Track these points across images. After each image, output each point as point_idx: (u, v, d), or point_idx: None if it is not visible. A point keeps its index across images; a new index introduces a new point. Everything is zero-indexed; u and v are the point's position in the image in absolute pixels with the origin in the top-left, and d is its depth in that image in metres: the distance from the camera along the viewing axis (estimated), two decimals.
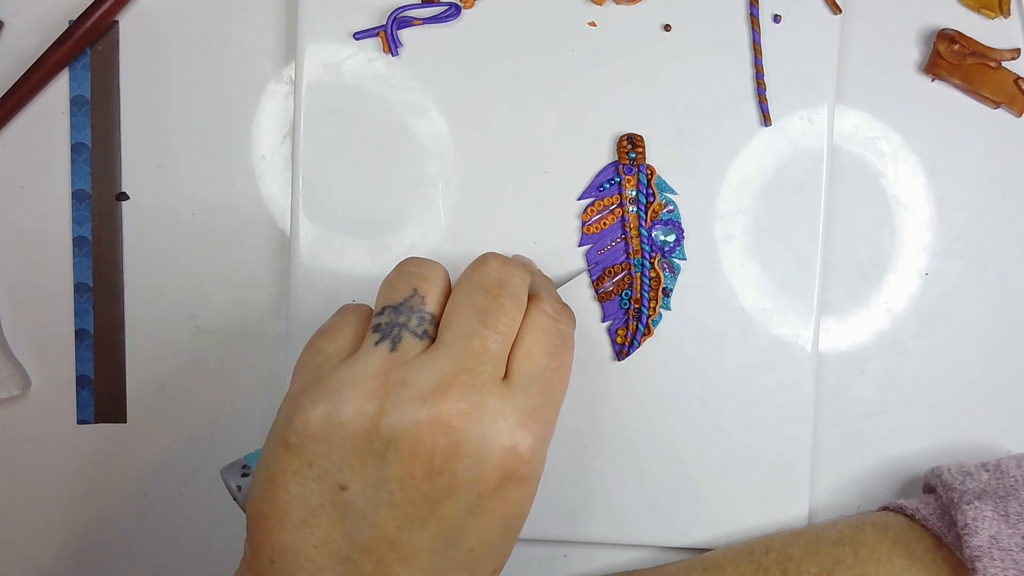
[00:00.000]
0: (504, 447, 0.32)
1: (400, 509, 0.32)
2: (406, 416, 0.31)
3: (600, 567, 0.46)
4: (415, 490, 0.31)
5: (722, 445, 0.45)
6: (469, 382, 0.32)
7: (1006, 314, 0.46)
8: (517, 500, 0.33)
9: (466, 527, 0.32)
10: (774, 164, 0.45)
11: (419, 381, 0.32)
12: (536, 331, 0.34)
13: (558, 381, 0.34)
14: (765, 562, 0.42)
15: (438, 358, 0.32)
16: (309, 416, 0.32)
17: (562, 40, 0.44)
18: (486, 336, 0.33)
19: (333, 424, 0.32)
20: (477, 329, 0.33)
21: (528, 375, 0.33)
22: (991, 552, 0.38)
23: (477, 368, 0.32)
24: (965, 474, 0.41)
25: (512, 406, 0.32)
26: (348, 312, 0.36)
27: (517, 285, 0.35)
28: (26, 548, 0.47)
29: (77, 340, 0.47)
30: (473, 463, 0.31)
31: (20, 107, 0.46)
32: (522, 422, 0.32)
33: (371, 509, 0.32)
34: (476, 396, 0.32)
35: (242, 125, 0.46)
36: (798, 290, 0.45)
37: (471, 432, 0.31)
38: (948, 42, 0.44)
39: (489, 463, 0.31)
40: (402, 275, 0.35)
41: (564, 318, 0.35)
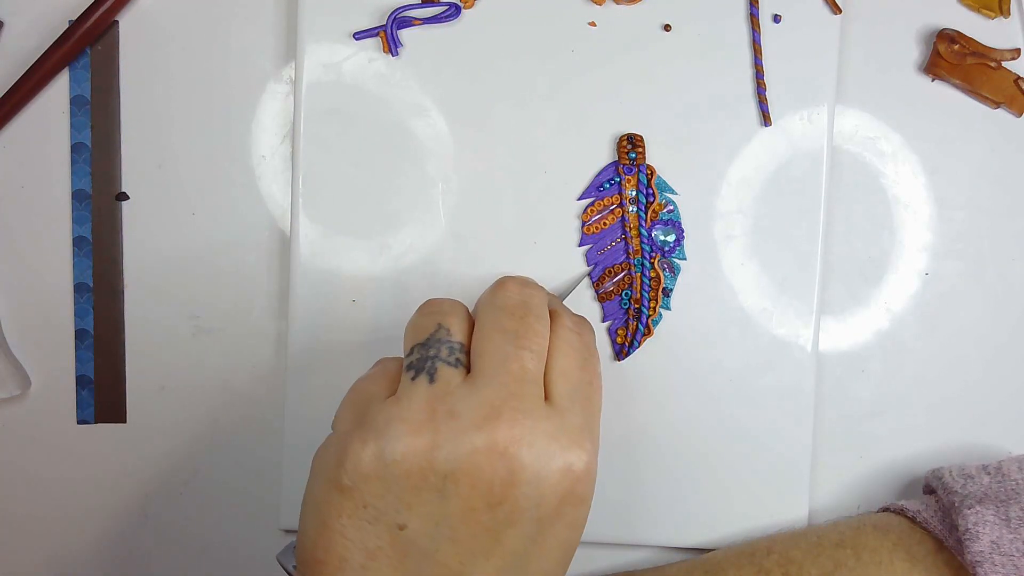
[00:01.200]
0: (561, 469, 0.31)
1: (463, 544, 0.31)
2: (461, 447, 0.31)
3: (600, 567, 0.46)
4: (477, 523, 0.31)
5: (722, 445, 0.45)
6: (517, 407, 0.32)
7: (1006, 314, 0.46)
8: (575, 521, 0.33)
9: (529, 555, 0.32)
10: (774, 164, 0.45)
11: (467, 411, 0.31)
12: (564, 347, 0.34)
13: (594, 393, 0.35)
14: (766, 564, 0.42)
15: (481, 386, 0.32)
16: (361, 456, 0.31)
17: (562, 40, 0.44)
18: (523, 358, 0.33)
19: (387, 463, 0.31)
20: (513, 352, 0.33)
21: (568, 393, 0.33)
22: (992, 557, 0.38)
23: (521, 391, 0.32)
24: (966, 477, 0.41)
25: (561, 427, 0.32)
26: (385, 361, 0.36)
27: (539, 305, 0.35)
28: (26, 548, 0.47)
29: (77, 340, 0.47)
30: (532, 489, 0.31)
31: (20, 107, 0.46)
32: (575, 441, 0.32)
33: (432, 546, 0.31)
34: (527, 420, 0.31)
35: (242, 125, 0.46)
36: (798, 290, 0.45)
37: (527, 458, 0.31)
38: (948, 42, 0.44)
39: (547, 486, 0.31)
40: (423, 315, 0.36)
41: (585, 330, 0.36)
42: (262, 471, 0.46)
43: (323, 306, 0.45)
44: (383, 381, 0.34)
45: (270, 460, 0.46)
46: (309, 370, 0.45)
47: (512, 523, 0.31)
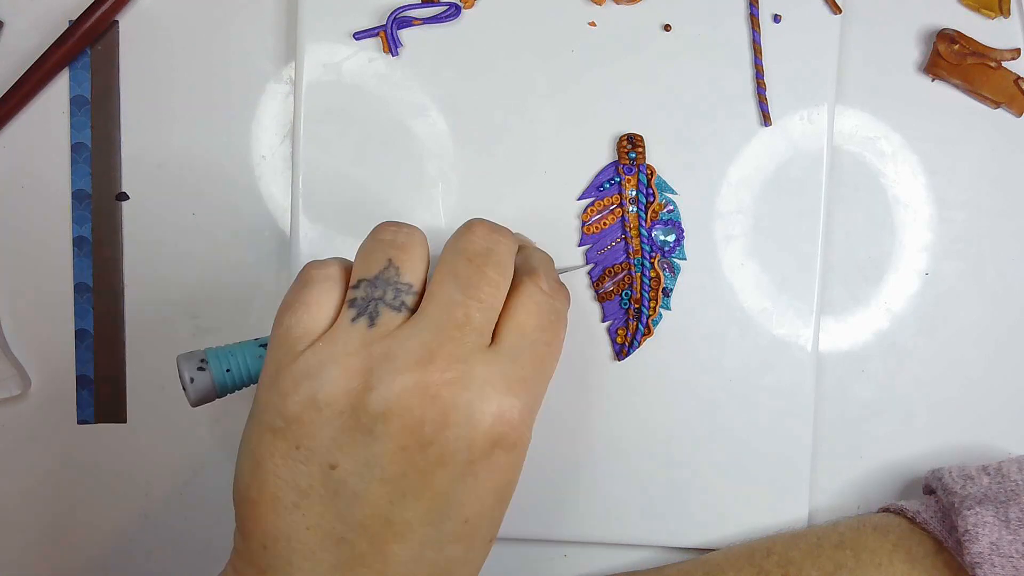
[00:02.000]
0: (493, 413, 0.31)
1: (392, 484, 0.31)
2: (393, 388, 0.31)
3: (600, 567, 0.46)
4: (406, 463, 0.31)
5: (722, 445, 0.45)
6: (454, 351, 0.32)
7: (1006, 314, 0.46)
8: (507, 466, 0.32)
9: (460, 497, 0.32)
10: (774, 164, 0.45)
11: (403, 353, 0.31)
12: (529, 305, 0.34)
13: (548, 355, 0.34)
14: (766, 565, 0.42)
15: (421, 329, 0.32)
16: (293, 398, 0.31)
17: (562, 40, 0.44)
18: (468, 306, 0.32)
19: (319, 405, 0.31)
20: (460, 299, 0.33)
21: (517, 345, 0.33)
22: (992, 559, 0.38)
23: (462, 338, 0.32)
24: (966, 478, 0.41)
25: (500, 372, 0.32)
26: (316, 281, 0.34)
27: (502, 253, 0.34)
28: (26, 548, 0.47)
29: (77, 340, 0.47)
30: (463, 431, 0.31)
31: (20, 107, 0.46)
32: (510, 388, 0.32)
33: (363, 486, 0.31)
34: (462, 364, 0.31)
35: (242, 125, 0.46)
36: (798, 290, 0.45)
37: (459, 400, 0.31)
38: (948, 42, 0.44)
39: (479, 429, 0.31)
40: (376, 243, 0.34)
41: (559, 296, 0.35)
42: None
43: None
44: (317, 311, 0.33)
45: None
46: None
47: (442, 464, 0.31)
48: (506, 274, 0.34)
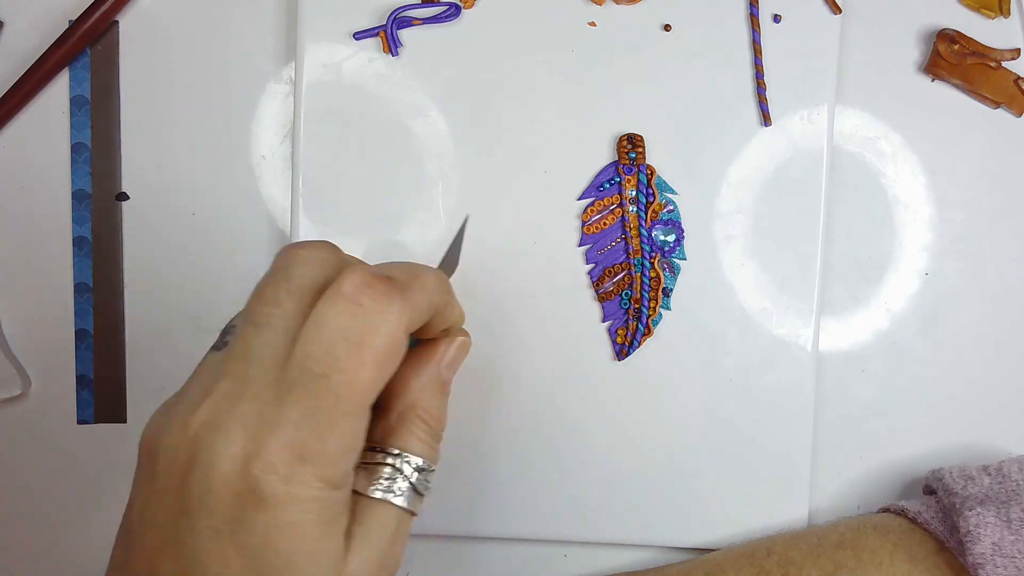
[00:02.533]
0: (233, 457, 0.26)
1: (157, 530, 0.28)
2: (165, 430, 0.28)
3: (600, 567, 0.46)
4: (164, 509, 0.28)
5: (722, 445, 0.45)
6: (226, 389, 0.28)
7: (1006, 314, 0.46)
8: (261, 529, 0.26)
9: (202, 556, 0.27)
10: (774, 164, 0.45)
11: (190, 392, 0.29)
12: (312, 322, 0.27)
13: (324, 392, 0.27)
14: (767, 565, 0.42)
15: (211, 366, 0.29)
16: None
17: (562, 40, 0.44)
18: (247, 335, 0.28)
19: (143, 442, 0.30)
20: (240, 328, 0.29)
21: (289, 379, 0.27)
22: (994, 559, 0.38)
23: (238, 371, 0.28)
24: (967, 478, 0.41)
25: (258, 414, 0.27)
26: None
27: (296, 267, 0.29)
28: (26, 548, 0.47)
29: (77, 340, 0.47)
30: (204, 475, 0.27)
31: (20, 107, 0.46)
32: (262, 433, 0.26)
33: (140, 529, 0.29)
34: (225, 402, 0.27)
35: (242, 125, 0.46)
36: (798, 290, 0.45)
37: (210, 441, 0.27)
38: (948, 42, 0.44)
39: (216, 476, 0.26)
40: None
41: (372, 297, 0.27)
42: None
43: None
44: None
45: None
46: None
47: (185, 513, 0.27)
48: (296, 291, 0.29)
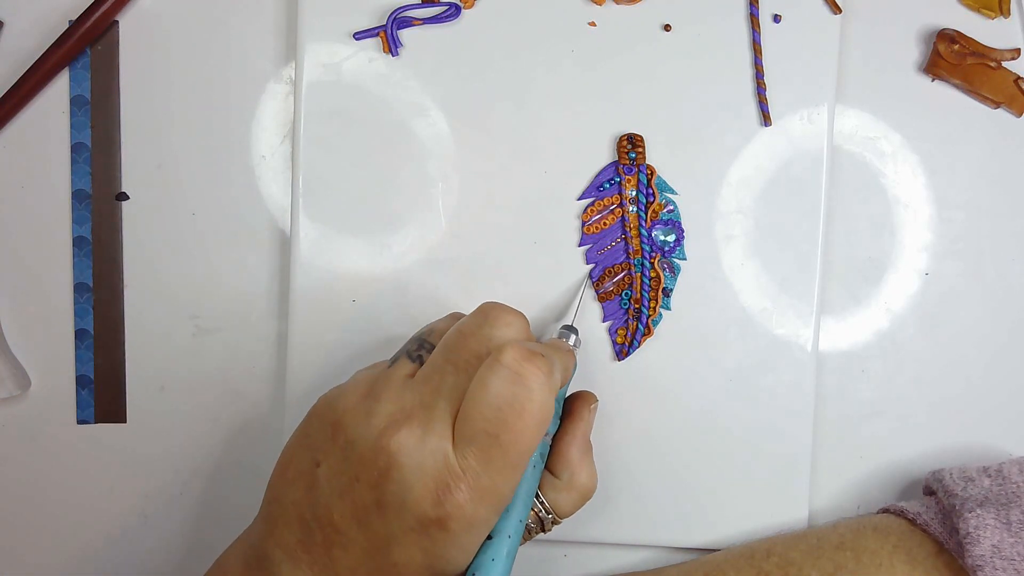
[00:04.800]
0: (430, 491, 0.32)
1: (347, 501, 0.33)
2: (362, 429, 0.34)
3: (600, 567, 0.46)
4: (359, 492, 0.33)
5: (722, 445, 0.45)
6: (424, 418, 0.33)
7: (1006, 314, 0.46)
8: (440, 542, 0.33)
9: (391, 544, 0.33)
10: (774, 164, 0.45)
11: (387, 400, 0.34)
12: (480, 385, 0.33)
13: (496, 449, 0.32)
14: (766, 566, 0.42)
15: (410, 386, 0.34)
16: (324, 395, 0.36)
17: (562, 40, 0.44)
18: (444, 371, 0.34)
19: (329, 407, 0.35)
20: (438, 365, 0.34)
21: (467, 435, 0.33)
22: (993, 562, 0.37)
23: (433, 404, 0.33)
24: (967, 479, 0.41)
25: (447, 458, 0.32)
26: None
27: (499, 329, 0.35)
28: (26, 548, 0.47)
29: (77, 340, 0.47)
30: (400, 491, 0.32)
31: (20, 107, 0.46)
32: (453, 478, 0.32)
33: (328, 490, 0.34)
34: (422, 433, 0.33)
35: (242, 125, 0.46)
36: (798, 290, 0.45)
37: (406, 463, 0.32)
38: (948, 42, 0.44)
39: (412, 497, 0.32)
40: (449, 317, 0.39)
41: (529, 371, 0.32)
42: (262, 471, 0.46)
43: (323, 306, 0.45)
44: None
45: (270, 460, 0.46)
46: (309, 370, 0.45)
47: (380, 510, 0.33)
48: (490, 346, 0.34)
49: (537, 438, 0.33)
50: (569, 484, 0.38)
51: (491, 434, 0.32)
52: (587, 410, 0.39)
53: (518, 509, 0.35)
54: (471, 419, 0.33)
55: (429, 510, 0.32)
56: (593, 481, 0.39)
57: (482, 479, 0.32)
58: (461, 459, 0.32)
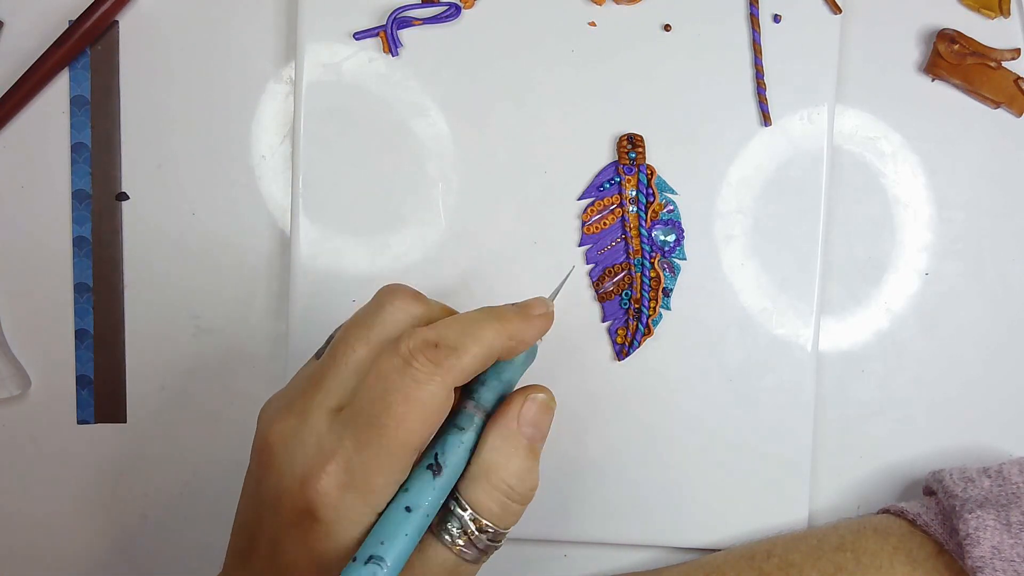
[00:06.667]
0: (298, 478, 0.31)
1: (251, 503, 0.34)
2: (261, 423, 0.34)
3: (600, 567, 0.46)
4: (256, 491, 0.33)
5: (722, 445, 0.45)
6: (300, 408, 0.32)
7: (1006, 314, 0.46)
8: (315, 534, 0.31)
9: (278, 543, 0.32)
10: (774, 164, 0.45)
11: (278, 397, 0.34)
12: (372, 372, 0.32)
13: (375, 433, 0.31)
14: (766, 567, 0.42)
15: (298, 380, 0.34)
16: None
17: (562, 40, 0.44)
18: (325, 365, 0.33)
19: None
20: (325, 358, 0.34)
21: (348, 417, 0.32)
22: (993, 563, 0.37)
23: (313, 395, 0.33)
24: (967, 480, 0.41)
25: (318, 443, 0.32)
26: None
27: (382, 315, 0.33)
28: (26, 548, 0.47)
29: (77, 340, 0.47)
30: (277, 482, 0.32)
31: (20, 107, 0.46)
32: (321, 460, 0.31)
33: (247, 495, 0.35)
34: (295, 421, 0.32)
35: (242, 125, 0.46)
36: (798, 290, 0.45)
37: (279, 454, 0.32)
38: (948, 42, 0.44)
39: (284, 487, 0.32)
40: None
41: (421, 360, 0.31)
42: None
43: (323, 306, 0.45)
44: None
45: None
46: None
47: (263, 505, 0.33)
48: (373, 340, 0.33)
49: (423, 430, 0.31)
50: (481, 475, 0.33)
51: (372, 415, 0.31)
52: (521, 399, 0.34)
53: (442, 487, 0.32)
54: (357, 401, 0.32)
55: (298, 498, 0.31)
56: (520, 480, 0.34)
57: (353, 462, 0.31)
58: (335, 440, 0.31)
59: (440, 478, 0.32)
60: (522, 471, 0.34)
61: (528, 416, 0.34)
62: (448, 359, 0.32)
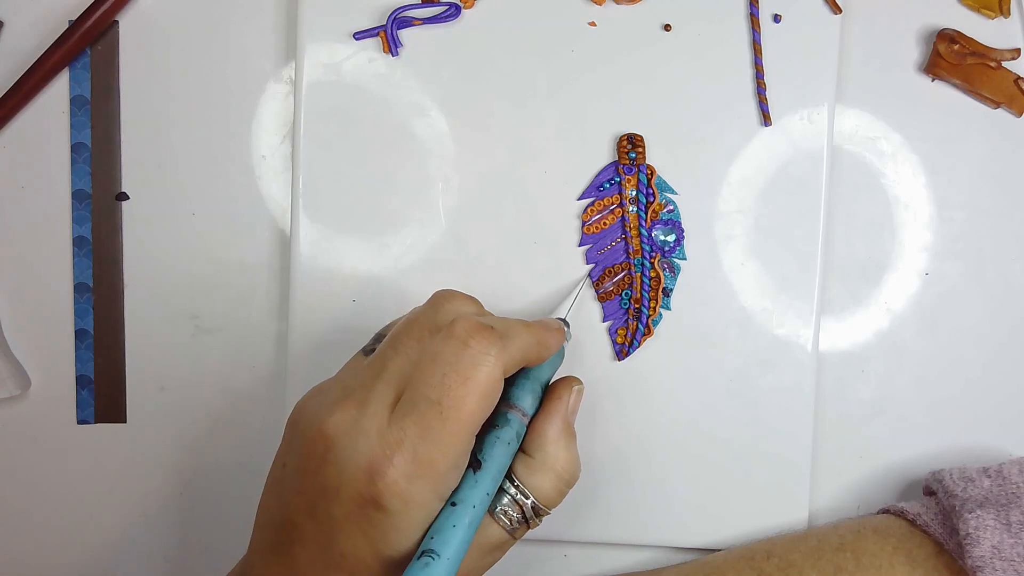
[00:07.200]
0: (363, 469, 0.32)
1: (300, 495, 0.34)
2: (308, 415, 0.34)
3: (600, 567, 0.46)
4: (307, 482, 0.33)
5: (723, 445, 0.45)
6: (361, 399, 0.33)
7: (1006, 314, 0.46)
8: (379, 524, 0.32)
9: (336, 532, 0.33)
10: (774, 164, 0.45)
11: (333, 388, 0.35)
12: (426, 356, 0.33)
13: (436, 416, 0.32)
14: (766, 568, 0.42)
15: (353, 372, 0.35)
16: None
17: (562, 40, 0.44)
18: (386, 356, 0.34)
19: (294, 408, 0.36)
20: (382, 350, 0.34)
21: (405, 408, 0.32)
22: (993, 562, 0.37)
23: (372, 386, 0.33)
24: (967, 480, 0.41)
25: (380, 433, 0.32)
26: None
27: (441, 313, 0.35)
28: (26, 548, 0.47)
29: (77, 340, 0.47)
30: (337, 473, 0.32)
31: (20, 107, 0.46)
32: (387, 451, 0.32)
33: (288, 488, 0.34)
34: (357, 413, 0.33)
35: (242, 125, 0.46)
36: (798, 290, 0.45)
37: (342, 445, 0.32)
38: (948, 42, 0.44)
39: (347, 478, 0.32)
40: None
41: (477, 340, 0.33)
42: (262, 471, 0.46)
43: (323, 306, 0.45)
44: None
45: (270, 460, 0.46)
46: (309, 370, 0.45)
47: (322, 496, 0.33)
48: (434, 331, 0.34)
49: (482, 409, 0.32)
50: (543, 464, 0.36)
51: (432, 400, 0.32)
52: (568, 391, 0.37)
53: (486, 482, 0.34)
54: (415, 387, 0.32)
55: (364, 489, 0.32)
56: (573, 465, 0.37)
57: (419, 450, 0.32)
58: (398, 430, 0.32)
59: (481, 472, 0.34)
60: (574, 457, 0.37)
61: (572, 406, 0.38)
62: (501, 341, 0.33)
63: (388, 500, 0.31)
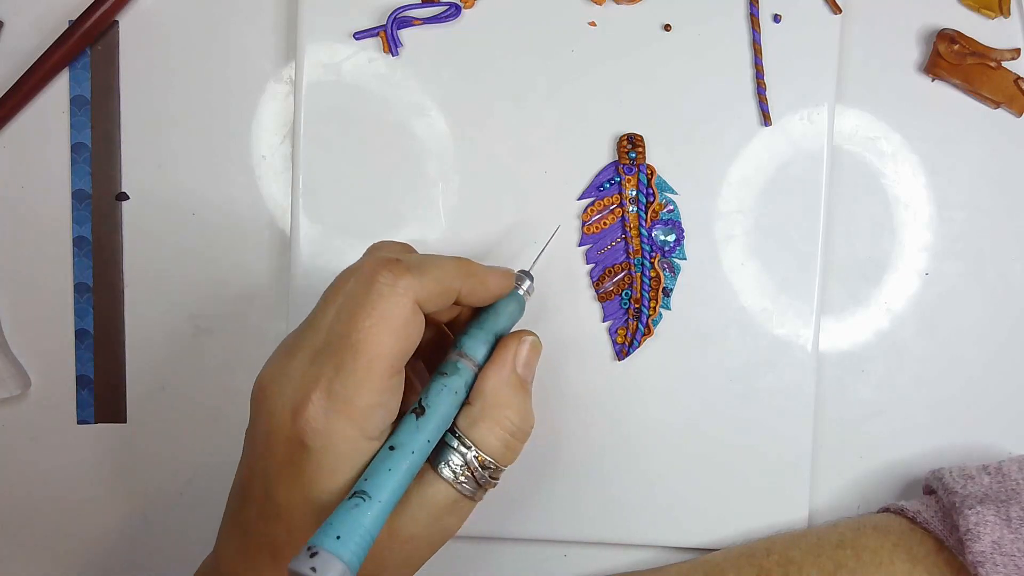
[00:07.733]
0: (288, 410, 0.32)
1: (249, 454, 0.34)
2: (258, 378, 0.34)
3: (600, 567, 0.46)
4: (251, 439, 0.34)
5: (722, 445, 0.45)
6: (290, 347, 0.34)
7: (1006, 314, 0.46)
8: (305, 467, 0.32)
9: (272, 483, 0.33)
10: (774, 164, 0.45)
11: (282, 345, 0.35)
12: (341, 297, 0.33)
13: (349, 351, 0.32)
14: (766, 565, 0.42)
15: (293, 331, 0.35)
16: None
17: (562, 40, 0.44)
18: (315, 308, 0.34)
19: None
20: (319, 302, 0.35)
21: (323, 347, 0.33)
22: (993, 558, 0.38)
23: (300, 334, 0.34)
24: (966, 477, 0.41)
25: (302, 371, 0.32)
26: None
27: (365, 258, 0.35)
28: (26, 548, 0.47)
29: (77, 340, 0.47)
30: (269, 419, 0.33)
31: (20, 107, 0.46)
32: (308, 390, 0.32)
33: (244, 453, 0.35)
34: (285, 361, 0.33)
35: (242, 125, 0.46)
36: (798, 290, 0.45)
37: (271, 392, 0.33)
38: (948, 42, 0.44)
39: (276, 423, 0.32)
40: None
41: (383, 275, 0.33)
42: None
43: None
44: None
45: None
46: None
47: (263, 450, 0.33)
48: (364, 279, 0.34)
49: (393, 343, 0.32)
50: (483, 413, 0.35)
51: (343, 335, 0.32)
52: (516, 340, 0.36)
53: (427, 428, 0.33)
54: (331, 328, 0.33)
55: (289, 431, 0.32)
56: (520, 418, 0.35)
57: (334, 385, 0.32)
58: (316, 369, 0.32)
59: (424, 419, 0.33)
60: (522, 410, 0.36)
61: (522, 357, 0.36)
62: (409, 272, 0.33)
63: (310, 438, 0.32)
